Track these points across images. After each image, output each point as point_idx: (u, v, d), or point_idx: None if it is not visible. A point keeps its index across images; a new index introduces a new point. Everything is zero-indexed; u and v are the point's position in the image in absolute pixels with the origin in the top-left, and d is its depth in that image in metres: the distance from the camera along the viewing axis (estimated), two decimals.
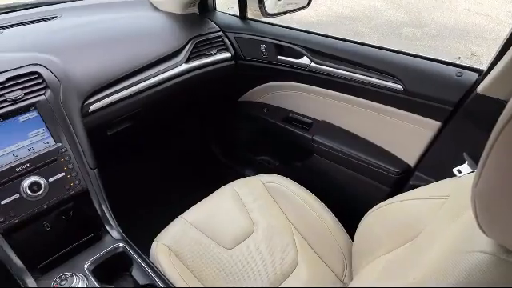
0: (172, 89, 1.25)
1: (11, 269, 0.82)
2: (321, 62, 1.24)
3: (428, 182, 0.93)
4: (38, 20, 1.18)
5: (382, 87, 1.12)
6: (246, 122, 1.66)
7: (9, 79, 0.88)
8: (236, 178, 1.26)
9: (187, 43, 1.30)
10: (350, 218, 1.05)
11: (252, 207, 1.14)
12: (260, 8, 1.34)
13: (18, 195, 0.83)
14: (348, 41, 1.20)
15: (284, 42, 1.30)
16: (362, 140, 1.27)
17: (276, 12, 1.41)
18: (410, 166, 1.18)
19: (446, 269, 0.48)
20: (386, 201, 0.89)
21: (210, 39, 1.37)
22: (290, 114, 1.44)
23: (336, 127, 1.32)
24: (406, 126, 1.13)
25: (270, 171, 1.30)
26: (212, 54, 1.36)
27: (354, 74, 1.17)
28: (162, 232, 1.06)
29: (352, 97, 1.22)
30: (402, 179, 1.18)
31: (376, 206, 0.91)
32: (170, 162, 1.78)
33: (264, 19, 1.39)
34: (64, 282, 0.77)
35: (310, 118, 1.39)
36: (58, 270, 0.83)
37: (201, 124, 1.81)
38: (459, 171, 0.83)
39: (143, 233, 1.01)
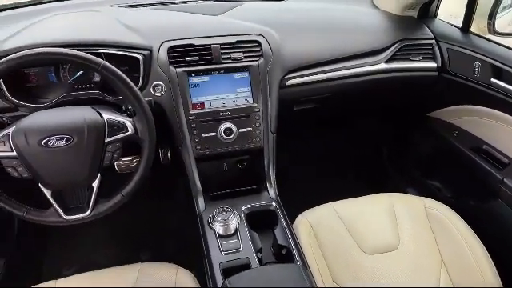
0: (364, 84, 1.27)
1: (192, 187, 1.03)
2: None
3: None
4: None
5: None
6: (430, 140, 1.53)
7: (237, 42, 1.09)
8: (394, 190, 1.21)
9: (394, 44, 1.29)
10: None
11: (404, 225, 1.09)
12: (488, 24, 1.21)
13: (214, 133, 1.03)
14: None
15: (505, 65, 1.13)
16: None
17: (508, 32, 1.24)
18: None
19: None
20: None
21: (418, 45, 1.32)
22: (484, 146, 1.25)
23: None
24: None
25: (436, 199, 1.19)
26: (416, 61, 1.31)
27: None
28: (310, 210, 1.12)
29: None
30: None
31: None
32: (339, 150, 1.83)
33: (489, 36, 1.23)
34: (224, 213, 0.93)
35: (507, 156, 1.19)
36: (223, 202, 1.00)
37: (379, 125, 1.78)
38: None
39: (291, 202, 1.10)
